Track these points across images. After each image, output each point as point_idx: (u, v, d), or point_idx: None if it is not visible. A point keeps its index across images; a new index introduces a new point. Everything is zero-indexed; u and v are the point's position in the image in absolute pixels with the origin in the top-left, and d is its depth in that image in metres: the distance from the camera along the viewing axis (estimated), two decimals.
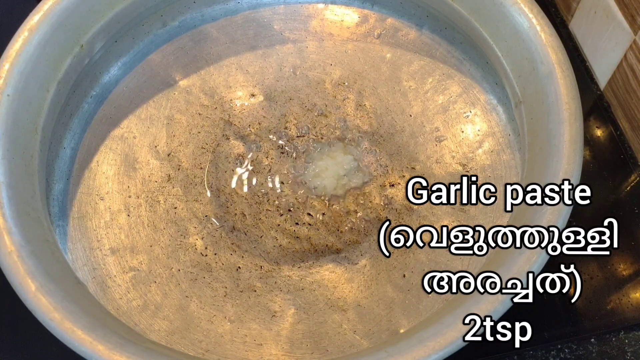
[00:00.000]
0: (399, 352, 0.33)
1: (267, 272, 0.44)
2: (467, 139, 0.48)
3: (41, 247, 0.38)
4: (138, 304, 0.42)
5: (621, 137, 0.52)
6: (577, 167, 0.38)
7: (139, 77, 0.51)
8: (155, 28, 0.52)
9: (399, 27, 0.53)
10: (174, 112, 0.50)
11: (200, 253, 0.45)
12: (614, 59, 0.51)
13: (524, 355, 0.43)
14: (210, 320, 0.42)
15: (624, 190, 0.50)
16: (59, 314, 0.34)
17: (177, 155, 0.49)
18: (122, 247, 0.44)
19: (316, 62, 0.53)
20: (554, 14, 0.59)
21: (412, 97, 0.50)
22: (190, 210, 0.46)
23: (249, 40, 0.53)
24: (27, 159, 0.41)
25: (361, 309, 0.42)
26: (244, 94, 0.52)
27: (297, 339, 0.41)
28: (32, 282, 0.35)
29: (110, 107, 0.50)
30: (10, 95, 0.41)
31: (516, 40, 0.43)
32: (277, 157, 0.49)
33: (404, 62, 0.52)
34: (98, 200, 0.46)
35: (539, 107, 0.41)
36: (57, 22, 0.44)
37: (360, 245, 0.45)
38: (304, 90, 0.51)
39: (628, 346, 0.43)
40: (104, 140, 0.49)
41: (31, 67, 0.42)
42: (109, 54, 0.50)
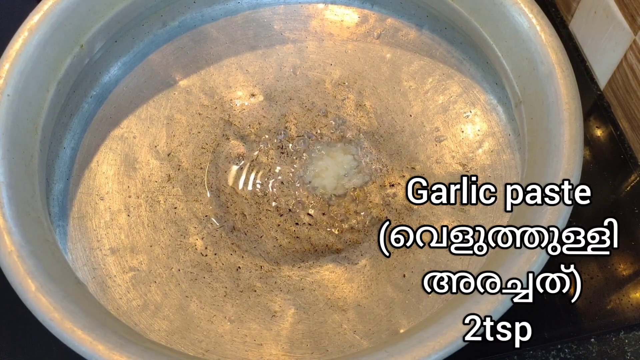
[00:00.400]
0: (399, 352, 0.33)
1: (267, 272, 0.44)
2: (467, 139, 0.48)
3: (41, 247, 0.38)
4: (138, 304, 0.42)
5: (621, 137, 0.52)
6: (577, 167, 0.38)
7: (139, 77, 0.51)
8: (155, 28, 0.52)
9: (399, 27, 0.53)
10: (174, 112, 0.50)
11: (200, 253, 0.45)
12: (614, 59, 0.51)
13: (524, 355, 0.43)
14: (210, 320, 0.42)
15: (624, 190, 0.50)
16: (59, 314, 0.34)
17: (177, 155, 0.49)
18: (122, 247, 0.44)
19: (316, 62, 0.53)
20: (554, 14, 0.59)
21: (412, 97, 0.50)
22: (190, 210, 0.46)
23: (249, 40, 0.53)
24: (27, 159, 0.41)
25: (361, 309, 0.42)
26: (244, 94, 0.52)
27: (297, 339, 0.41)
28: (32, 282, 0.35)
29: (110, 107, 0.50)
30: (10, 95, 0.41)
31: (516, 40, 0.43)
32: (277, 157, 0.49)
33: (404, 62, 0.52)
34: (98, 200, 0.46)
35: (539, 107, 0.41)
36: (57, 22, 0.44)
37: (360, 245, 0.45)
38: (304, 90, 0.51)
39: (628, 346, 0.43)
40: (104, 140, 0.49)
41: (31, 67, 0.42)
42: (109, 54, 0.50)
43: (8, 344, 0.45)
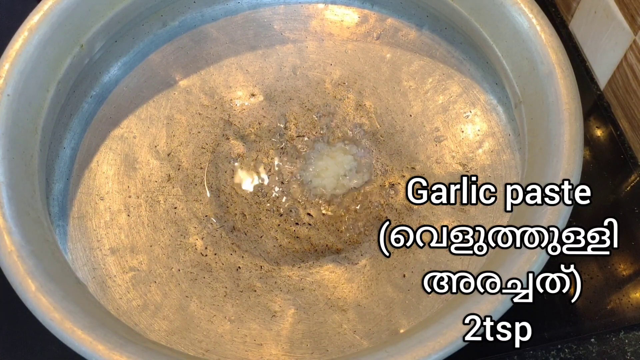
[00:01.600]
0: (399, 352, 0.33)
1: (267, 272, 0.44)
2: (467, 139, 0.48)
3: (41, 247, 0.38)
4: (138, 304, 0.42)
5: (621, 137, 0.52)
6: (577, 167, 0.38)
7: (139, 77, 0.51)
8: (155, 28, 0.52)
9: (399, 27, 0.53)
10: (174, 112, 0.50)
11: (200, 253, 0.45)
12: (614, 59, 0.51)
13: (524, 355, 0.43)
14: (210, 320, 0.42)
15: (624, 190, 0.50)
16: (59, 314, 0.34)
17: (177, 155, 0.49)
18: (122, 247, 0.44)
19: (316, 62, 0.53)
20: (554, 14, 0.59)
21: (412, 97, 0.50)
22: (190, 210, 0.46)
23: (249, 40, 0.53)
24: (27, 159, 0.41)
25: (361, 309, 0.42)
26: (244, 94, 0.52)
27: (297, 339, 0.41)
28: (32, 282, 0.35)
29: (110, 107, 0.50)
30: (10, 95, 0.41)
31: (516, 40, 0.43)
32: (277, 157, 0.49)
33: (404, 62, 0.52)
34: (98, 200, 0.46)
35: (539, 107, 0.41)
36: (57, 22, 0.44)
37: (360, 245, 0.45)
38: (304, 90, 0.51)
39: (628, 346, 0.43)
40: (104, 140, 0.49)
41: (31, 67, 0.42)
42: (109, 54, 0.50)
43: (8, 344, 0.45)
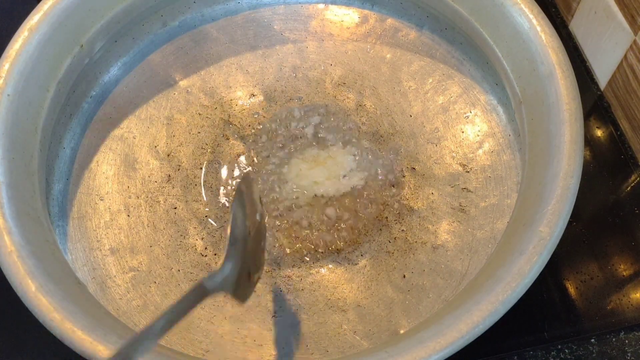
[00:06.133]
0: (399, 352, 0.33)
1: (267, 272, 0.44)
2: (467, 139, 0.48)
3: (41, 247, 0.38)
4: (138, 304, 0.42)
5: (621, 137, 0.52)
6: (577, 168, 0.38)
7: (139, 77, 0.51)
8: (155, 28, 0.52)
9: (399, 28, 0.53)
10: (174, 112, 0.50)
11: (200, 253, 0.45)
12: (614, 59, 0.51)
13: (524, 355, 0.43)
14: (210, 321, 0.42)
15: (624, 190, 0.50)
16: (59, 314, 0.34)
17: (177, 155, 0.49)
18: (122, 247, 0.44)
19: (316, 62, 0.53)
20: (554, 14, 0.59)
21: (412, 98, 0.50)
22: (190, 210, 0.46)
23: (249, 40, 0.53)
24: (27, 159, 0.41)
25: (361, 310, 0.42)
26: (244, 94, 0.51)
27: (297, 339, 0.41)
28: (32, 282, 0.35)
29: (110, 107, 0.50)
30: (10, 95, 0.41)
31: (516, 40, 0.43)
32: (277, 157, 0.49)
33: (404, 62, 0.52)
34: (98, 201, 0.46)
35: (540, 107, 0.41)
36: (57, 22, 0.44)
37: (360, 246, 0.45)
38: (304, 90, 0.51)
39: (628, 346, 0.43)
40: (104, 140, 0.49)
41: (31, 67, 0.42)
42: (109, 54, 0.50)
43: (8, 344, 0.45)
